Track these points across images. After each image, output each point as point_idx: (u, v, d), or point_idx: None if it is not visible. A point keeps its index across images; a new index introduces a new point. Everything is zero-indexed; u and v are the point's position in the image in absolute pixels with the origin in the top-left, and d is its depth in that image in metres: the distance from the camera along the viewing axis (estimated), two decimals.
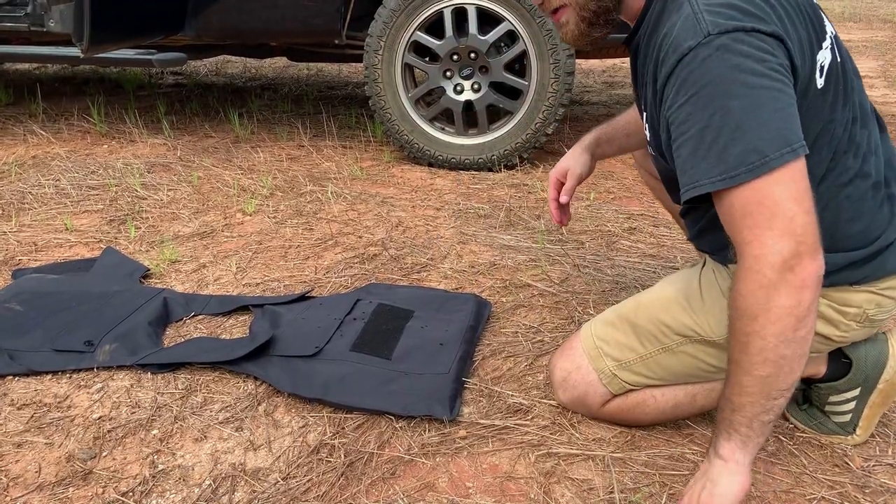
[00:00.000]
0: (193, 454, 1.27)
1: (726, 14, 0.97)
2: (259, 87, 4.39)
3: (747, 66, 0.94)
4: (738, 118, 0.94)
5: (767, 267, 0.93)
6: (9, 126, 3.34)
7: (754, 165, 0.93)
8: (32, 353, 1.51)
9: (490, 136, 2.84)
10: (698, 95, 0.97)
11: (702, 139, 0.97)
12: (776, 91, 0.95)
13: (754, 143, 0.94)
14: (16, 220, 2.26)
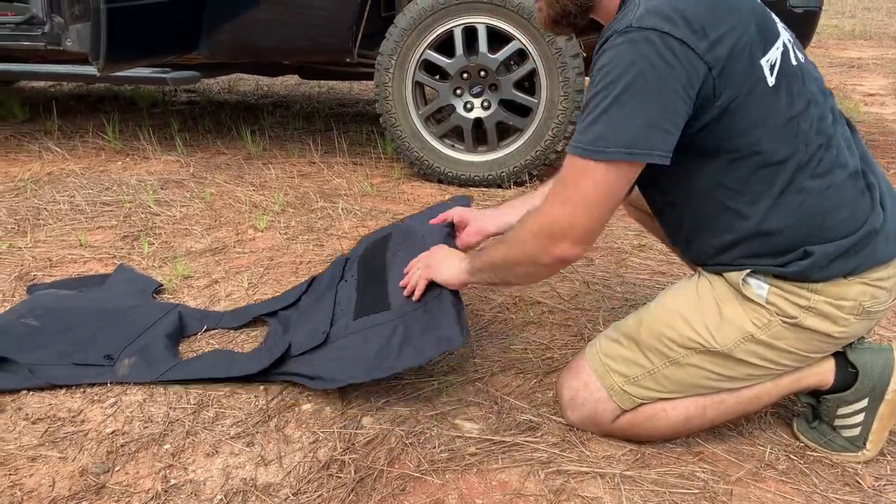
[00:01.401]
0: (205, 469, 1.28)
1: (654, 13, 1.08)
2: (271, 105, 4.44)
3: (641, 67, 1.07)
4: (608, 106, 1.10)
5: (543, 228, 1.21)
6: (25, 143, 3.38)
7: (590, 149, 1.12)
8: (51, 367, 1.52)
9: (500, 153, 2.86)
10: (598, 73, 1.12)
11: (586, 109, 1.15)
12: (654, 100, 1.08)
13: (606, 132, 1.10)
14: (31, 236, 2.29)
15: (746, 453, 1.34)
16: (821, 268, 1.19)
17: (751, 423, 1.43)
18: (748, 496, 1.23)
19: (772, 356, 1.25)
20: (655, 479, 1.27)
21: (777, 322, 1.23)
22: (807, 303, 1.21)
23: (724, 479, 1.27)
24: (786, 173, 1.17)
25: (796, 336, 1.23)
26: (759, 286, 1.23)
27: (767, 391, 1.31)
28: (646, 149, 1.10)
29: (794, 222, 1.19)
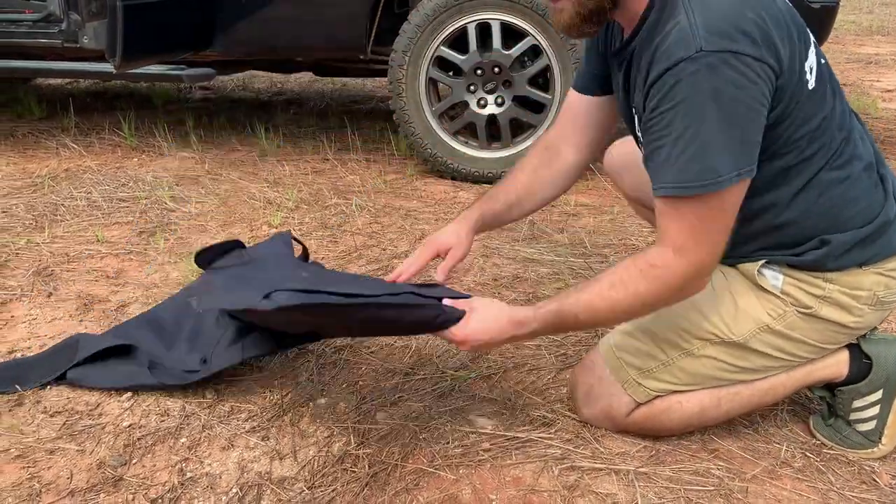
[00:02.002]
0: (221, 462, 1.29)
1: (721, 31, 1.04)
2: (285, 102, 4.45)
3: (727, 91, 1.04)
4: (707, 137, 1.06)
5: (694, 273, 1.14)
6: (42, 140, 3.42)
7: (708, 183, 1.07)
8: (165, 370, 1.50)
9: (513, 149, 2.86)
10: (679, 106, 1.07)
11: (674, 147, 1.09)
12: (744, 118, 1.07)
13: (714, 163, 1.07)
14: (49, 232, 2.31)
15: (762, 451, 1.34)
16: (836, 257, 1.19)
17: (766, 420, 1.42)
18: (764, 494, 1.23)
19: (787, 347, 1.25)
20: (670, 475, 1.27)
21: (792, 312, 1.22)
22: (822, 292, 1.21)
23: (739, 477, 1.26)
24: (811, 170, 1.18)
25: (811, 326, 1.23)
26: (775, 276, 1.23)
27: (782, 383, 1.30)
28: (748, 165, 1.10)
29: (812, 214, 1.19)
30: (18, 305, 1.84)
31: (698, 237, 1.12)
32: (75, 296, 1.89)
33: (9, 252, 2.14)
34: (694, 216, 1.11)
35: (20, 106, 4.05)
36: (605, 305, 1.17)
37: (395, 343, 1.71)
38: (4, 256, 2.11)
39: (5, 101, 4.23)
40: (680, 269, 1.13)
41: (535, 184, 1.50)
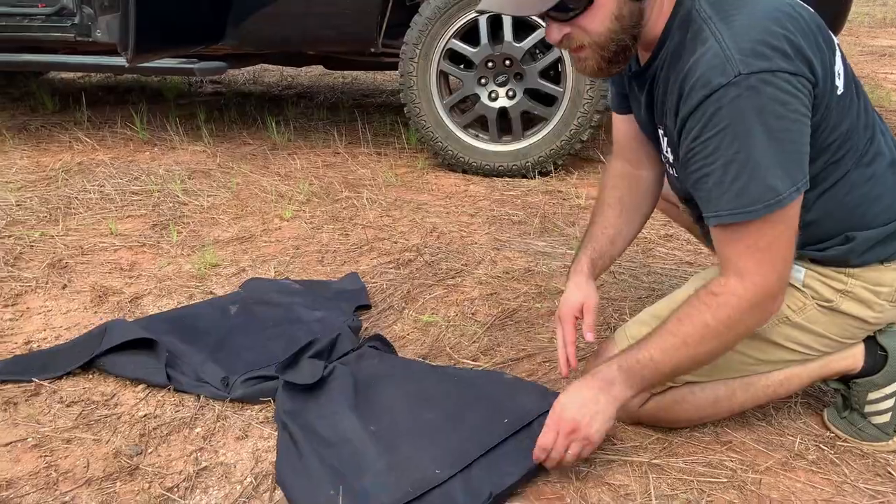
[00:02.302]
0: (235, 452, 1.30)
1: (755, 52, 1.02)
2: (295, 96, 4.46)
3: (771, 109, 1.03)
4: (759, 158, 1.04)
5: (763, 295, 1.11)
6: (55, 133, 3.44)
7: (771, 202, 1.05)
8: (180, 372, 1.49)
9: (524, 142, 2.85)
10: (725, 132, 1.05)
11: (725, 172, 1.06)
12: (792, 132, 1.05)
13: (771, 181, 1.05)
14: (63, 225, 2.32)
15: (776, 443, 1.33)
16: (860, 253, 1.19)
17: (780, 413, 1.42)
18: (777, 486, 1.23)
19: (805, 340, 1.25)
20: (683, 467, 1.26)
21: (813, 305, 1.22)
22: (843, 286, 1.20)
23: (752, 469, 1.26)
24: (840, 171, 1.17)
25: (831, 320, 1.23)
26: (797, 269, 1.22)
27: (797, 375, 1.30)
28: (802, 178, 1.08)
29: (838, 213, 1.19)
30: (34, 297, 1.85)
31: (761, 259, 1.09)
32: (89, 288, 1.91)
33: (24, 244, 2.16)
34: (757, 238, 1.08)
35: (33, 100, 4.08)
36: (677, 341, 1.14)
37: (408, 334, 1.71)
38: (19, 249, 2.13)
39: (19, 95, 4.26)
40: (746, 294, 1.10)
41: (626, 212, 1.46)
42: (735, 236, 1.10)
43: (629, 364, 1.17)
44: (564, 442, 1.17)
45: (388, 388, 1.41)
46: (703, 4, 1.10)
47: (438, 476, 1.17)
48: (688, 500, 1.19)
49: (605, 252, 1.46)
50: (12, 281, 1.93)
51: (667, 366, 1.16)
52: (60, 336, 1.67)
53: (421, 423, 1.30)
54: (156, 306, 1.82)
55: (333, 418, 1.31)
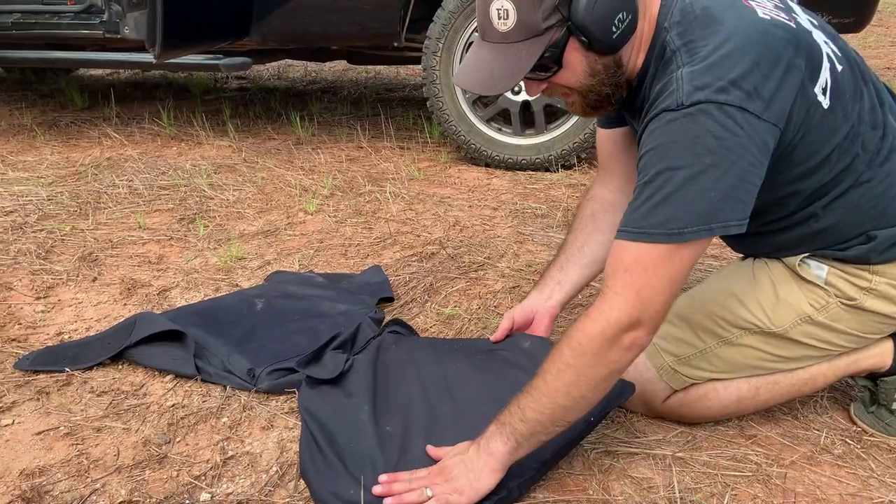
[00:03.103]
0: (261, 442, 1.32)
1: (704, 85, 1.00)
2: (319, 91, 4.49)
3: (704, 142, 0.99)
4: (677, 185, 1.00)
5: (618, 324, 1.02)
6: (85, 129, 3.50)
7: (671, 233, 1.01)
8: (207, 363, 1.51)
9: (547, 136, 2.85)
10: (655, 151, 1.03)
11: (643, 189, 1.04)
12: (724, 170, 1.00)
13: (680, 212, 1.00)
14: (93, 219, 2.37)
15: (801, 437, 1.32)
16: (881, 250, 1.17)
17: (806, 407, 1.41)
18: (802, 480, 1.22)
19: (828, 337, 1.23)
20: (707, 461, 1.26)
21: (836, 304, 1.21)
22: (868, 284, 1.19)
23: (777, 463, 1.25)
24: (851, 177, 1.15)
25: (855, 318, 1.21)
26: (819, 267, 1.21)
27: (822, 373, 1.28)
28: (721, 221, 1.01)
29: (856, 215, 1.17)
30: (65, 290, 1.89)
31: (630, 281, 1.03)
32: (119, 280, 1.94)
33: (55, 238, 2.20)
34: (637, 259, 1.03)
35: (63, 96, 4.15)
36: (539, 379, 1.08)
37: (431, 327, 1.72)
38: (51, 242, 2.17)
39: (49, 92, 4.33)
40: (599, 316, 1.03)
41: (599, 226, 1.45)
42: (622, 253, 1.05)
43: (503, 417, 1.10)
44: (427, 481, 1.12)
45: (406, 376, 1.41)
46: (674, 35, 1.07)
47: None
48: (712, 493, 1.19)
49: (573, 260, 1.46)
50: (44, 273, 1.97)
51: (532, 410, 1.08)
52: (91, 328, 1.71)
53: (436, 420, 1.30)
54: (183, 299, 1.85)
55: (351, 418, 1.32)
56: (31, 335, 1.66)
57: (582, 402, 1.08)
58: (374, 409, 1.33)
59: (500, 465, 1.10)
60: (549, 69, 1.08)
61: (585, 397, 1.07)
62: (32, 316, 1.75)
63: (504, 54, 1.05)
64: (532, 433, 1.08)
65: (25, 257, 2.06)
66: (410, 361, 1.46)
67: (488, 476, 1.09)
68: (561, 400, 1.06)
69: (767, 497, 1.18)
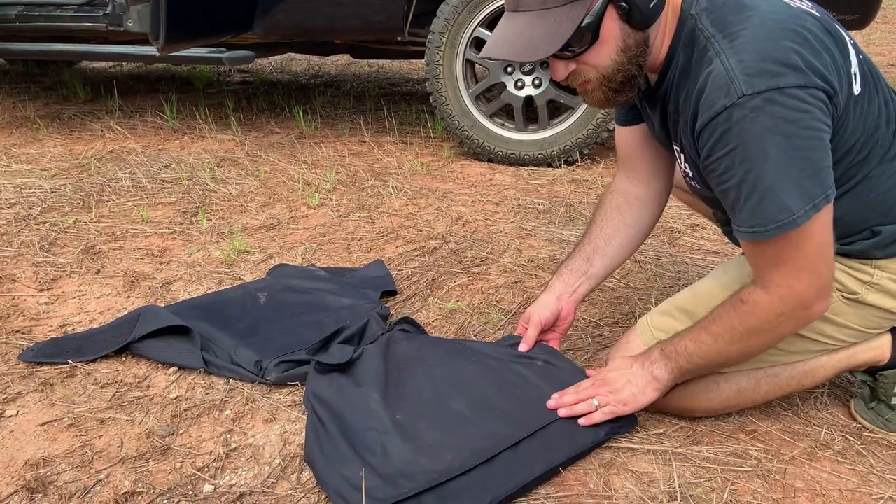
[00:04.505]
0: (264, 434, 1.32)
1: (760, 70, 1.00)
2: (322, 85, 4.49)
3: (780, 128, 1.00)
4: (771, 177, 1.03)
5: (791, 306, 1.11)
6: (87, 122, 3.50)
7: (784, 223, 1.04)
8: (215, 356, 1.52)
9: (550, 131, 2.85)
10: (735, 152, 1.04)
11: (739, 191, 1.06)
12: (807, 148, 1.02)
13: (785, 201, 1.03)
14: (96, 211, 2.37)
15: (801, 433, 1.33)
16: (885, 245, 1.18)
17: (806, 403, 1.41)
18: (802, 475, 1.22)
19: (829, 331, 1.24)
20: (707, 456, 1.27)
21: (837, 297, 1.21)
22: (870, 278, 1.19)
23: (777, 458, 1.26)
24: (865, 170, 1.15)
25: (856, 311, 1.22)
26: None
27: (822, 366, 1.29)
28: (823, 193, 1.04)
29: (862, 210, 1.18)
30: (68, 282, 1.90)
31: (787, 272, 1.09)
32: (122, 273, 1.95)
33: (58, 231, 2.21)
34: (778, 253, 1.08)
35: (66, 89, 4.16)
36: (709, 338, 1.18)
37: (433, 321, 1.73)
38: (54, 235, 2.18)
39: (51, 84, 4.34)
40: (771, 305, 1.11)
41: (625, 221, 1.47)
42: (757, 250, 1.11)
43: (669, 350, 1.23)
44: (593, 391, 1.27)
45: (417, 372, 1.41)
46: (705, 22, 1.07)
47: (459, 468, 1.17)
48: (712, 488, 1.19)
49: (608, 255, 1.48)
50: (48, 266, 1.98)
51: (700, 358, 1.20)
52: (94, 320, 1.71)
53: (447, 414, 1.30)
54: (186, 292, 1.85)
55: (360, 405, 1.32)
56: (34, 327, 1.67)
57: (752, 357, 1.22)
58: (385, 398, 1.33)
59: (662, 388, 1.25)
60: (584, 43, 1.08)
61: (757, 354, 1.21)
62: (36, 308, 1.76)
63: (543, 20, 1.05)
64: (696, 372, 1.24)
65: (29, 249, 2.07)
66: (420, 359, 1.46)
67: (651, 393, 1.25)
68: (732, 359, 1.21)
69: (767, 492, 1.18)
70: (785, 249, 1.07)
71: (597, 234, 1.47)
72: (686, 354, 1.21)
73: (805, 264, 1.08)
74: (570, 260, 1.49)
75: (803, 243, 1.06)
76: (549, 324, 1.47)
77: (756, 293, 1.13)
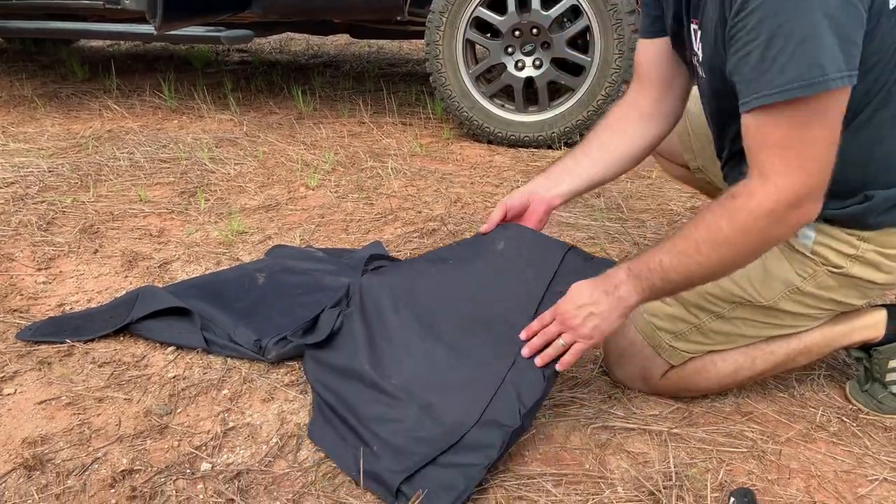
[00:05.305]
0: (261, 413, 1.33)
1: None
2: (321, 65, 4.46)
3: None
4: (807, 30, 0.93)
5: (785, 201, 1.01)
6: (85, 101, 3.48)
7: (815, 81, 0.94)
8: (217, 336, 1.52)
9: (550, 113, 2.83)
10: (767, 3, 0.95)
11: (768, 47, 0.96)
12: (846, 15, 0.94)
13: (818, 58, 0.93)
14: (94, 191, 2.37)
15: (797, 415, 1.33)
16: (877, 213, 1.16)
17: (802, 385, 1.42)
18: (797, 456, 1.23)
19: (816, 304, 1.24)
20: (703, 437, 1.27)
21: (823, 272, 1.21)
22: (854, 251, 1.19)
23: (773, 439, 1.27)
24: (874, 109, 1.09)
25: (840, 284, 1.22)
26: (805, 235, 1.20)
27: (817, 343, 1.29)
28: (853, 69, 0.95)
29: (861, 161, 1.12)
30: (66, 261, 1.90)
31: (789, 158, 0.99)
32: (120, 253, 1.95)
33: (56, 210, 2.20)
34: (789, 131, 0.98)
35: (63, 67, 4.13)
36: (689, 246, 1.08)
37: None
38: (52, 214, 2.17)
39: (49, 63, 4.31)
40: (766, 196, 1.00)
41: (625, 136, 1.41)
42: (766, 128, 1.00)
43: (638, 269, 1.13)
44: (556, 329, 1.19)
45: (397, 321, 1.38)
46: None
47: (464, 423, 1.19)
48: (707, 468, 1.20)
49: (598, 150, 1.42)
50: (46, 245, 1.97)
51: (677, 273, 1.10)
52: (92, 299, 1.71)
53: (435, 364, 1.29)
54: (184, 272, 1.85)
55: (353, 377, 1.33)
56: (32, 306, 1.67)
57: (733, 269, 1.12)
58: (374, 365, 1.34)
59: (629, 311, 1.15)
60: None
61: (738, 266, 1.11)
62: (34, 287, 1.76)
63: None
64: (669, 291, 1.15)
65: (27, 229, 2.06)
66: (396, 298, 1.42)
67: (617, 320, 1.15)
68: (713, 270, 1.10)
69: (762, 473, 1.19)
70: (795, 129, 0.97)
71: (592, 139, 1.42)
72: (660, 270, 1.10)
73: (810, 153, 0.99)
74: (558, 161, 1.44)
75: (816, 124, 0.97)
76: (516, 211, 1.40)
77: (751, 183, 1.03)
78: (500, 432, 1.16)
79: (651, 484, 1.16)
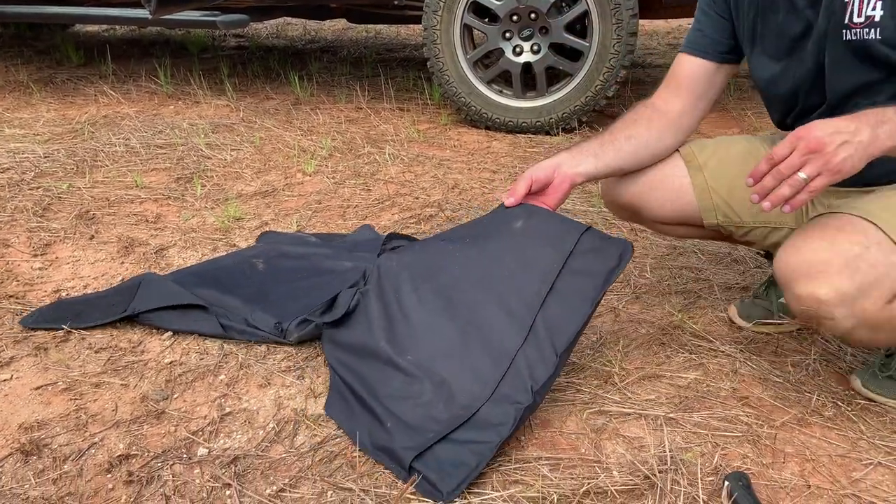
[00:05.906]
0: (258, 399, 1.33)
1: None
2: (318, 50, 4.43)
3: None
4: None
5: None
6: (81, 87, 3.46)
7: None
8: (232, 322, 1.51)
9: (548, 98, 2.82)
10: None
11: None
12: None
13: None
14: (90, 177, 2.36)
15: (792, 399, 1.34)
16: None
17: (798, 369, 1.42)
18: (792, 441, 1.23)
19: None
20: (698, 421, 1.27)
21: None
22: None
23: (768, 424, 1.27)
24: None
25: None
26: None
27: None
28: None
29: None
30: (62, 247, 1.89)
31: None
32: (116, 239, 1.94)
33: (52, 196, 2.20)
34: None
35: (59, 52, 4.11)
36: None
37: None
38: (48, 200, 2.16)
39: (44, 48, 4.28)
40: None
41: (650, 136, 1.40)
42: None
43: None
44: (799, 159, 1.01)
45: (415, 298, 1.39)
46: None
47: (476, 399, 1.20)
48: (702, 452, 1.20)
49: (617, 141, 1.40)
50: (41, 231, 1.97)
51: None
52: (88, 285, 1.71)
53: (449, 341, 1.30)
54: (181, 258, 1.85)
55: (369, 354, 1.34)
56: (28, 292, 1.67)
57: None
58: (391, 342, 1.34)
59: (879, 154, 1.00)
60: None
61: None
62: (30, 273, 1.76)
63: None
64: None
65: (22, 214, 2.06)
66: (412, 277, 1.43)
67: (867, 158, 0.99)
68: None
69: (757, 457, 1.19)
70: None
71: (618, 129, 1.41)
72: None
73: None
74: (583, 142, 1.42)
75: None
76: (541, 184, 1.37)
77: None
78: (512, 409, 1.17)
79: (646, 468, 1.16)
